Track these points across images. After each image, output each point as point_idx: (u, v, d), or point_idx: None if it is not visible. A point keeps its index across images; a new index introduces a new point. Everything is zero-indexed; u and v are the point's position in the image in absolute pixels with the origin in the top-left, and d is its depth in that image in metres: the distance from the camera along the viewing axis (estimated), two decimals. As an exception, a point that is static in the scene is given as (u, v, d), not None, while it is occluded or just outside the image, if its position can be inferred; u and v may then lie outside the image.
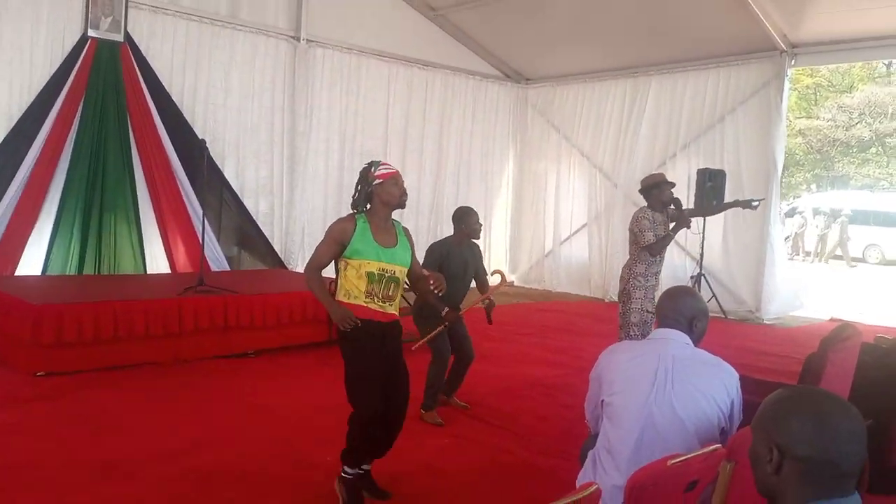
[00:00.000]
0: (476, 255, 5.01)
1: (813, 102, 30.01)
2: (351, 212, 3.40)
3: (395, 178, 3.36)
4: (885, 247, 19.78)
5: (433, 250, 4.84)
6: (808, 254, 20.76)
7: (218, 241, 8.63)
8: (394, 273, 3.34)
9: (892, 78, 27.88)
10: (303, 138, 9.65)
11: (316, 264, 3.37)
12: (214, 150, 7.93)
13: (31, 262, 7.37)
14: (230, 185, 8.87)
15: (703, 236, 9.50)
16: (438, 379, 4.81)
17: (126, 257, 7.93)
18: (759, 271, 9.53)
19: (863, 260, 20.04)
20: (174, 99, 8.39)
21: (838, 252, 19.96)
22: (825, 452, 1.38)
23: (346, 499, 3.32)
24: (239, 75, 9.03)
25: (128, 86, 7.94)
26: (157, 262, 8.21)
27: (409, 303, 5.42)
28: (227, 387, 5.37)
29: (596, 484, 1.71)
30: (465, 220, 4.86)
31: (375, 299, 3.29)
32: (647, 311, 5.07)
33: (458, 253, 4.83)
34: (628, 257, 5.25)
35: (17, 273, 7.21)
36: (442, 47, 11.28)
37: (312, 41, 9.67)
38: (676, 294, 2.70)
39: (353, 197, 3.44)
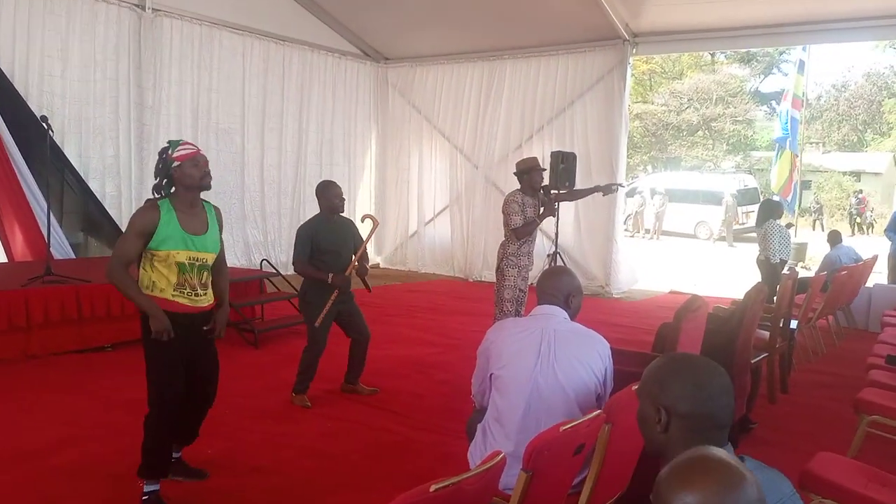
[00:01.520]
0: (351, 228, 4.94)
1: (648, 88, 32.26)
2: (152, 198, 3.19)
3: (194, 159, 3.15)
4: (713, 223, 21.73)
5: (300, 234, 4.76)
6: (647, 231, 22.42)
7: (61, 226, 7.98)
8: (205, 261, 3.20)
9: (716, 66, 30.58)
10: (152, 114, 9.09)
11: (122, 261, 3.08)
12: (54, 127, 7.26)
13: None
14: (72, 166, 8.19)
15: (557, 217, 10.01)
16: (311, 364, 4.80)
17: (-47, 246, 7.16)
18: (607, 249, 10.23)
19: (694, 236, 21.96)
20: (3, 69, 7.61)
21: (671, 229, 21.80)
22: (703, 407, 1.57)
23: None
24: (78, 45, 8.30)
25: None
26: (-10, 250, 7.48)
27: (295, 290, 5.32)
28: (86, 382, 5.05)
29: (502, 452, 1.83)
30: (324, 194, 4.79)
31: (186, 291, 3.13)
32: (520, 290, 5.35)
33: (327, 228, 4.77)
34: (503, 237, 5.49)
35: None
36: (299, 22, 10.99)
37: (158, 10, 9.09)
38: (554, 273, 2.90)
39: (154, 180, 3.22)
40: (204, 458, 3.70)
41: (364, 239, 5.00)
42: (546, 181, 5.80)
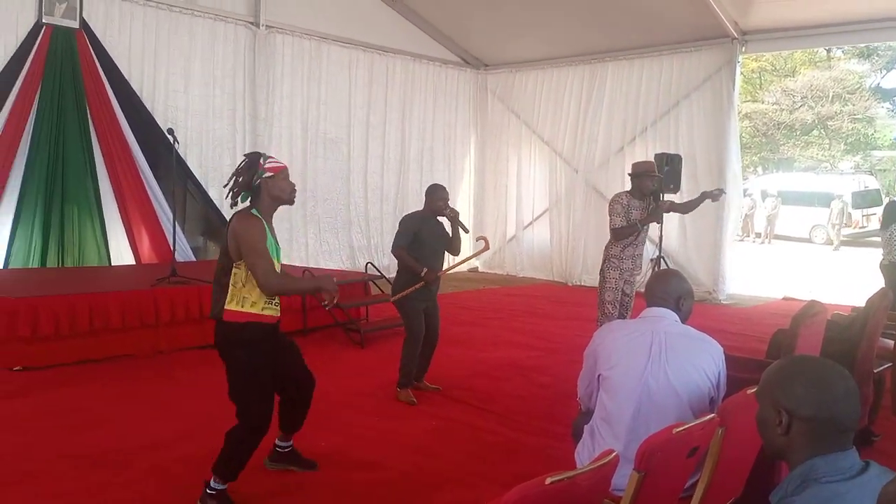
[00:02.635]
0: (445, 231, 5.07)
1: (758, 86, 30.85)
2: (241, 207, 3.18)
3: (285, 172, 3.20)
4: (829, 227, 20.52)
5: (407, 222, 4.96)
6: (757, 235, 21.46)
7: (183, 231, 8.54)
8: (282, 270, 3.29)
9: (832, 62, 28.86)
10: (265, 125, 9.58)
11: (273, 271, 3.07)
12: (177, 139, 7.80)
13: (-9, 256, 7.19)
14: (193, 175, 8.77)
15: (662, 220, 9.77)
16: (412, 357, 4.93)
17: (90, 249, 7.79)
18: (714, 253, 9.88)
19: (809, 240, 20.83)
20: (133, 87, 8.24)
21: (786, 233, 20.73)
22: (827, 411, 1.53)
23: None
24: (199, 62, 8.90)
25: (85, 73, 7.76)
26: (121, 253, 8.08)
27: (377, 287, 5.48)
28: (207, 377, 5.35)
29: (615, 451, 1.84)
30: (431, 196, 4.97)
31: (274, 301, 3.17)
32: (624, 293, 5.29)
33: (430, 225, 4.96)
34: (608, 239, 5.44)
35: (-24, 267, 7.03)
36: (401, 33, 11.29)
37: (272, 27, 9.58)
38: (663, 276, 2.88)
39: (235, 187, 3.17)
40: (317, 451, 3.88)
41: (467, 256, 5.20)
42: (656, 185, 5.69)
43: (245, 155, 3.34)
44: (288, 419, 3.56)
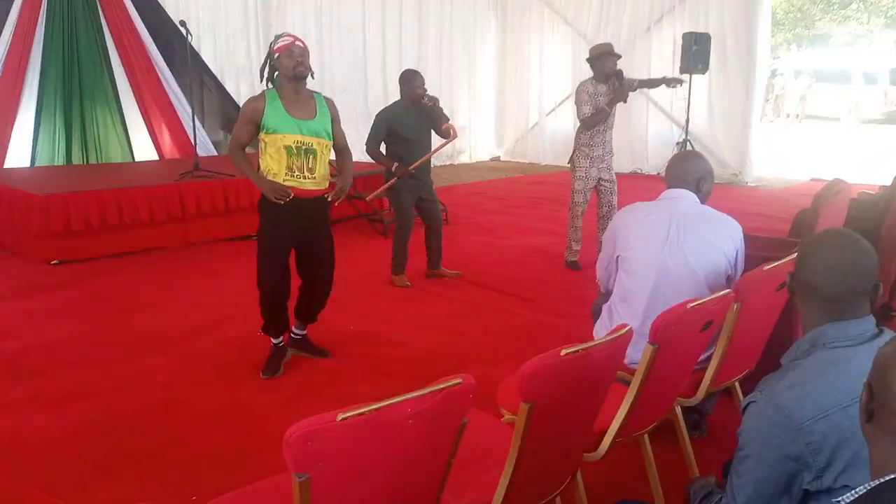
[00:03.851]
0: (427, 114, 4.90)
1: (796, -44, 29.02)
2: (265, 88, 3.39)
3: (289, 50, 3.28)
4: (866, 106, 19.82)
5: (378, 116, 4.89)
6: (788, 115, 20.85)
7: (202, 125, 8.52)
8: (311, 145, 3.32)
9: (879, -73, 26.89)
10: (277, 14, 9.34)
11: (235, 144, 3.38)
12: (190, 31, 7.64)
13: (17, 155, 7.27)
14: (209, 68, 8.65)
15: (689, 101, 9.53)
16: (401, 246, 5.04)
17: (113, 145, 7.86)
18: (743, 135, 9.67)
19: (839, 119, 20.19)
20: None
21: (817, 113, 20.08)
22: (809, 277, 1.57)
23: (268, 358, 3.59)
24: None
25: (93, -36, 7.55)
26: (143, 149, 8.13)
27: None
28: (239, 267, 5.52)
29: (628, 325, 1.91)
30: (411, 83, 4.84)
31: (295, 173, 3.30)
32: (596, 179, 5.33)
33: (406, 116, 4.85)
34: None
35: (5, 165, 7.14)
36: None
37: None
38: (683, 157, 2.87)
39: (260, 71, 3.44)
40: (347, 333, 4.04)
41: (434, 147, 5.05)
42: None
43: None
44: (301, 307, 3.69)
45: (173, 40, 7.90)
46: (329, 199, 3.44)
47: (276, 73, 3.36)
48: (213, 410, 3.18)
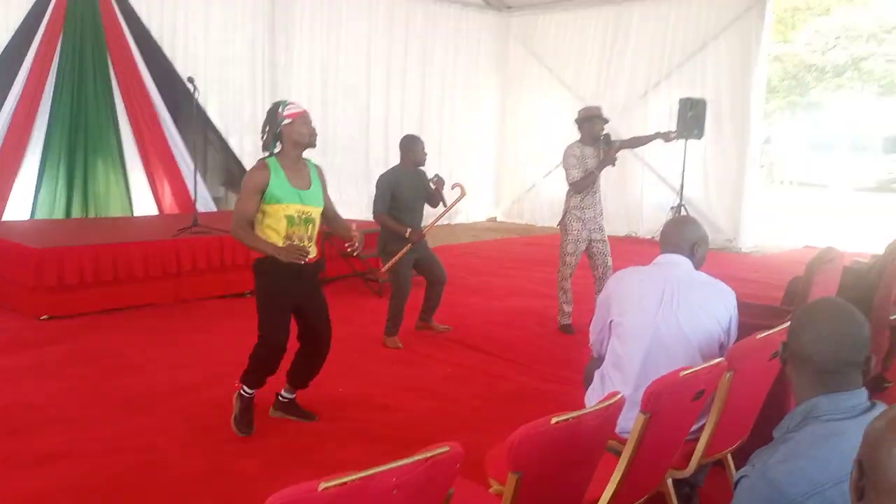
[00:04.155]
0: (424, 181, 5.03)
1: (790, 27, 29.81)
2: (262, 157, 3.37)
3: (304, 117, 3.33)
4: (859, 173, 20.06)
5: (382, 181, 4.92)
6: (782, 182, 21.10)
7: (204, 181, 8.60)
8: (310, 214, 3.38)
9: None
10: (284, 73, 9.55)
11: (243, 219, 3.30)
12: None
13: (17, 207, 7.32)
14: (213, 124, 8.78)
15: (684, 166, 9.64)
16: (398, 310, 5.00)
17: (114, 200, 7.92)
18: (737, 201, 9.75)
19: (837, 187, 20.41)
20: (153, 34, 8.22)
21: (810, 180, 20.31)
22: (801, 347, 1.55)
23: (238, 412, 3.52)
24: (219, 8, 8.85)
25: (106, 22, 7.76)
26: (143, 203, 8.19)
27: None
28: (231, 325, 5.49)
29: (620, 393, 1.87)
30: (412, 148, 4.93)
31: (294, 242, 3.32)
32: (587, 241, 5.33)
33: (407, 181, 4.91)
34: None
35: (3, 218, 7.17)
36: (422, -25, 11.08)
37: (291, -27, 9.47)
38: (678, 222, 2.88)
39: (261, 139, 3.38)
40: (336, 396, 3.98)
41: (448, 205, 5.09)
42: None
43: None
44: (298, 371, 3.64)
45: (180, 96, 8.04)
46: (352, 252, 3.49)
47: (269, 138, 3.35)
48: (195, 475, 3.10)
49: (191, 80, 6.80)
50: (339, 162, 10.28)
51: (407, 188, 4.89)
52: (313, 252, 3.43)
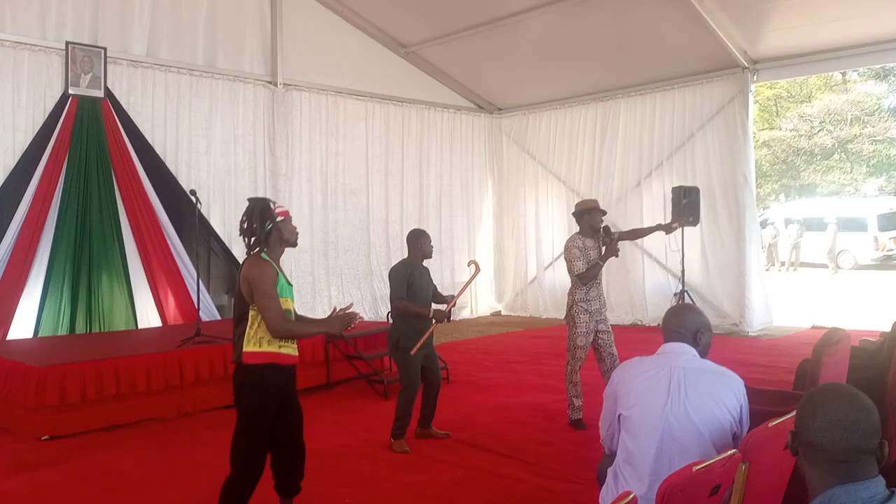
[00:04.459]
0: (429, 274, 5.18)
1: (774, 114, 30.76)
2: (252, 252, 3.29)
3: (289, 217, 3.37)
4: (856, 252, 20.16)
5: (398, 271, 4.98)
6: (782, 263, 21.15)
7: (208, 290, 8.65)
8: (295, 310, 3.37)
9: (849, 86, 28.73)
10: (286, 181, 9.77)
11: (281, 315, 3.17)
12: (200, 200, 8.00)
13: (21, 324, 7.33)
14: (216, 234, 8.93)
15: (683, 253, 9.71)
16: (408, 410, 4.91)
17: (117, 314, 7.91)
18: (739, 284, 9.74)
19: (837, 266, 20.46)
20: (157, 150, 8.48)
21: (810, 260, 20.37)
22: (811, 436, 1.51)
23: None
24: (220, 122, 9.16)
25: (110, 140, 8.01)
26: (147, 315, 8.19)
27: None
28: (230, 436, 5.37)
29: (632, 493, 1.81)
30: (421, 241, 5.06)
31: (289, 340, 3.25)
32: (595, 332, 5.33)
33: (418, 271, 5.02)
34: (571, 284, 5.43)
35: (8, 336, 7.16)
36: (415, 83, 11.54)
37: (289, 85, 9.87)
38: (679, 310, 2.86)
39: (248, 234, 3.29)
40: (343, 506, 3.85)
41: (465, 283, 5.28)
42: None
43: (250, 200, 3.41)
44: (283, 482, 3.51)
45: (184, 207, 8.21)
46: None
47: (262, 233, 3.27)
48: None
49: (193, 192, 6.98)
50: (342, 263, 10.40)
51: (419, 278, 4.98)
52: (296, 351, 3.35)
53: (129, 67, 8.34)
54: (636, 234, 6.17)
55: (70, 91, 7.76)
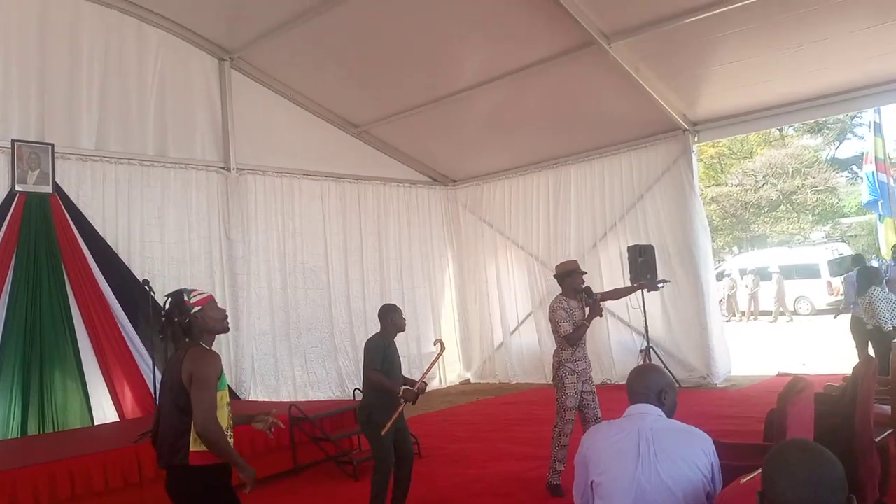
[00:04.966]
0: (398, 351, 5.14)
1: (719, 171, 31.92)
2: (189, 344, 3.10)
3: (213, 301, 3.17)
4: (813, 298, 20.65)
5: (376, 343, 4.93)
6: (742, 313, 21.52)
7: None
8: (229, 404, 3.18)
9: (787, 140, 30.06)
10: (243, 263, 9.65)
11: (214, 415, 2.96)
12: (155, 288, 7.83)
13: (-31, 431, 6.98)
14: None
15: (644, 311, 9.81)
16: (383, 487, 4.80)
17: (72, 411, 7.57)
18: (703, 337, 9.85)
19: (795, 312, 20.91)
20: (109, 241, 8.31)
21: (769, 308, 20.78)
22: (778, 497, 1.51)
23: None
24: (173, 210, 9.05)
25: (60, 236, 7.83)
26: (105, 410, 7.87)
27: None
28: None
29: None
30: (392, 315, 5.05)
31: (230, 434, 3.09)
32: (583, 392, 5.33)
33: (391, 347, 4.99)
34: (555, 345, 5.43)
35: (-46, 443, 6.81)
36: (369, 159, 11.69)
37: (242, 169, 9.87)
38: (642, 371, 2.87)
39: (163, 333, 3.14)
40: None
41: (431, 362, 5.24)
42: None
43: (167, 296, 3.27)
44: None
45: (138, 297, 7.98)
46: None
47: (178, 330, 3.12)
48: None
49: (146, 282, 6.85)
50: (305, 342, 10.21)
51: (393, 353, 4.94)
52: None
53: (77, 161, 8.23)
54: (618, 293, 6.20)
55: (17, 188, 7.60)
